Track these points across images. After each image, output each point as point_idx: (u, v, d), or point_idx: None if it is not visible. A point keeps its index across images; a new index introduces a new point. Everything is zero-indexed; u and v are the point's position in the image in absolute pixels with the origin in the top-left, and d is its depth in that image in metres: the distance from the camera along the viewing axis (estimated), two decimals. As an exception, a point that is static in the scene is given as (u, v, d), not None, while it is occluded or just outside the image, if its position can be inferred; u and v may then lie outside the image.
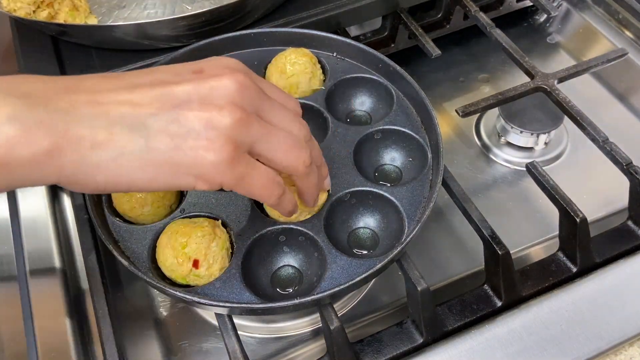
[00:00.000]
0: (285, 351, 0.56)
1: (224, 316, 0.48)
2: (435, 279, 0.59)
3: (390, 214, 0.52)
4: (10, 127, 0.31)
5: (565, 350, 0.48)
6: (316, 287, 0.47)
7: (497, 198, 0.68)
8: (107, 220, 0.51)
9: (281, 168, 0.40)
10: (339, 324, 0.46)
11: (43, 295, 0.56)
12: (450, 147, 0.73)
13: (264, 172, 0.39)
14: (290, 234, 0.50)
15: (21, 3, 0.65)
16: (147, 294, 0.60)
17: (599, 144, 0.60)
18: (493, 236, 0.52)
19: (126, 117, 0.34)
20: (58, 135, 0.32)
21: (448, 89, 0.80)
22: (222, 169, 0.36)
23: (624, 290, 0.51)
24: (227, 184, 0.37)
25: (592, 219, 0.56)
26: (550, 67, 0.69)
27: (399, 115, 0.57)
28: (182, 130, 0.35)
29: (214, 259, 0.47)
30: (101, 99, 0.34)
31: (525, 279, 0.54)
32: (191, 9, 0.72)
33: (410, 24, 0.72)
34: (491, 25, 0.71)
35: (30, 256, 0.59)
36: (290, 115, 0.41)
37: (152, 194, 0.50)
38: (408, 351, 0.50)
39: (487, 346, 0.48)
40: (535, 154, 0.71)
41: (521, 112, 0.70)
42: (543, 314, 0.50)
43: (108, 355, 0.47)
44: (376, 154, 0.57)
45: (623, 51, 0.68)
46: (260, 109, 0.39)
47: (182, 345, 0.57)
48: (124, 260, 0.46)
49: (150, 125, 0.35)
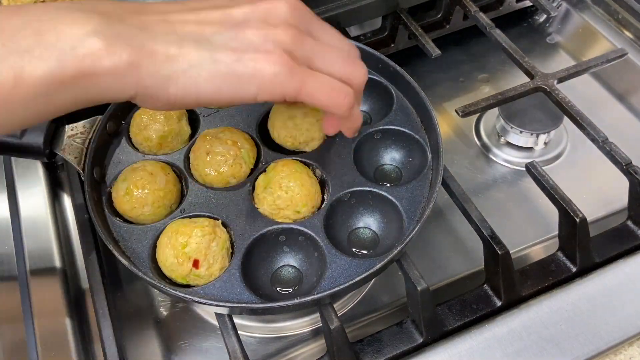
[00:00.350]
0: (285, 351, 0.56)
1: (224, 316, 0.48)
2: (435, 279, 0.59)
3: (390, 213, 0.52)
4: (96, 40, 0.34)
5: (565, 350, 0.48)
6: (316, 287, 0.47)
7: (497, 198, 0.68)
8: (108, 220, 0.51)
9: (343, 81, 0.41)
10: (339, 324, 0.46)
11: (43, 295, 0.56)
12: (450, 147, 0.73)
13: (327, 79, 0.40)
14: (290, 234, 0.50)
15: (21, 2, 0.65)
16: (147, 294, 0.60)
17: (599, 144, 0.60)
18: (493, 236, 0.52)
19: (193, 34, 0.37)
20: (136, 48, 0.35)
21: (448, 89, 0.80)
22: (282, 78, 0.38)
23: (624, 290, 0.52)
24: (289, 93, 0.39)
25: (591, 219, 0.56)
26: (550, 67, 0.69)
27: (399, 115, 0.57)
28: (242, 44, 0.38)
29: (214, 258, 0.47)
30: (170, 18, 0.38)
31: (525, 278, 0.54)
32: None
33: (410, 24, 0.72)
34: (491, 26, 0.71)
35: (30, 256, 0.59)
36: (339, 36, 0.44)
37: (152, 194, 0.50)
38: (408, 351, 0.50)
39: (486, 346, 0.48)
40: (535, 154, 0.71)
41: (521, 112, 0.70)
42: (543, 314, 0.50)
43: (108, 355, 0.48)
44: (376, 154, 0.57)
45: (623, 51, 0.68)
46: (312, 29, 0.41)
47: (182, 345, 0.57)
48: (124, 260, 0.47)
49: (214, 40, 0.38)
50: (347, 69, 0.42)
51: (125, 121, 0.57)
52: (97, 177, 0.53)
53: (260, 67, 0.37)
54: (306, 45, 0.40)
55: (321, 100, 0.40)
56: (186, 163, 0.54)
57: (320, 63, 0.40)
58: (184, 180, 0.54)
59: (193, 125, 0.58)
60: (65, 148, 0.53)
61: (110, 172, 0.54)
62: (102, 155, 0.55)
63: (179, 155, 0.55)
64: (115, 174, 0.53)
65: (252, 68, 0.37)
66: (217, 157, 0.52)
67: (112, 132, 0.56)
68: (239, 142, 0.53)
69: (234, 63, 0.37)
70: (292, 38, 0.39)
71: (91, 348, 0.55)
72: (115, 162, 0.55)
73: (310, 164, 0.54)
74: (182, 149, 0.55)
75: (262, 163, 0.54)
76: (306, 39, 0.40)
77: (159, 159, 0.54)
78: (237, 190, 0.52)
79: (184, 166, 0.54)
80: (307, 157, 0.54)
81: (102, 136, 0.54)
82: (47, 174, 0.66)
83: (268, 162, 0.53)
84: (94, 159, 0.53)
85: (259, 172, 0.53)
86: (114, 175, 0.53)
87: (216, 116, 0.58)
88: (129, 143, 0.56)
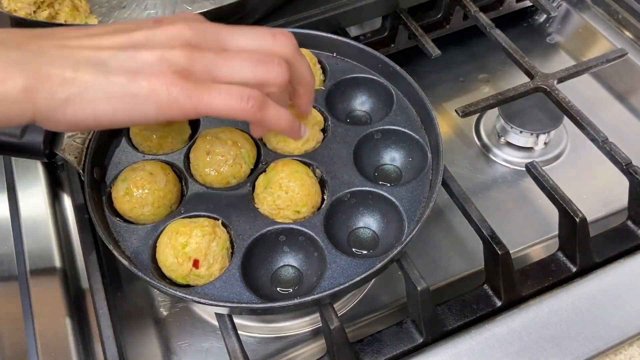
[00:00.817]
0: (285, 351, 0.56)
1: (224, 316, 0.48)
2: (435, 279, 0.59)
3: (390, 213, 0.52)
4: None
5: (565, 350, 0.48)
6: (316, 287, 0.47)
7: (497, 198, 0.68)
8: (108, 220, 0.51)
9: (257, 85, 0.41)
10: (339, 324, 0.46)
11: (43, 295, 0.56)
12: (450, 147, 0.73)
13: (225, 89, 0.40)
14: (290, 234, 0.50)
15: (22, 3, 0.65)
16: (147, 294, 0.60)
17: (599, 144, 0.60)
18: (493, 236, 0.52)
19: (89, 57, 0.38)
20: (31, 73, 0.36)
21: (448, 89, 0.80)
22: (176, 97, 0.38)
23: (624, 290, 0.52)
24: (187, 110, 0.39)
25: (591, 219, 0.56)
26: (550, 67, 0.69)
27: (399, 115, 0.57)
28: (137, 65, 0.38)
29: (214, 258, 0.47)
30: (68, 43, 0.38)
31: (525, 278, 0.54)
32: (191, 9, 0.72)
33: (410, 24, 0.72)
34: (491, 26, 0.71)
35: (30, 256, 0.59)
36: (256, 36, 0.43)
37: (152, 194, 0.50)
38: (408, 351, 0.50)
39: (486, 346, 0.48)
40: (535, 154, 0.71)
41: (521, 112, 0.70)
42: (543, 314, 0.50)
43: (108, 355, 0.48)
44: (376, 154, 0.57)
45: (623, 51, 0.68)
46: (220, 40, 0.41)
47: (182, 345, 0.57)
48: (124, 260, 0.47)
49: (110, 63, 0.38)
50: (258, 71, 0.41)
51: (125, 121, 0.57)
52: (97, 177, 0.53)
53: (153, 87, 0.38)
54: (205, 60, 0.40)
55: (220, 110, 0.40)
56: (186, 163, 0.54)
57: (225, 73, 0.40)
58: (184, 180, 0.54)
59: (193, 125, 0.58)
60: (65, 148, 0.53)
61: (110, 172, 0.54)
62: (102, 155, 0.55)
63: (179, 155, 0.55)
64: (115, 174, 0.53)
65: (147, 89, 0.38)
66: (217, 157, 0.52)
67: (112, 132, 0.56)
68: (239, 142, 0.53)
69: (129, 83, 0.38)
70: (188, 57, 0.39)
71: (91, 348, 0.55)
72: (115, 162, 0.55)
73: (310, 164, 0.54)
74: (182, 149, 0.55)
75: (262, 163, 0.54)
76: (206, 54, 0.40)
77: (159, 159, 0.54)
78: (237, 190, 0.52)
79: (184, 166, 0.54)
80: (307, 157, 0.54)
81: (102, 136, 0.54)
82: (47, 174, 0.66)
83: (268, 162, 0.54)
84: (94, 159, 0.53)
85: (259, 172, 0.53)
86: (114, 175, 0.53)
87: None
88: (129, 143, 0.56)
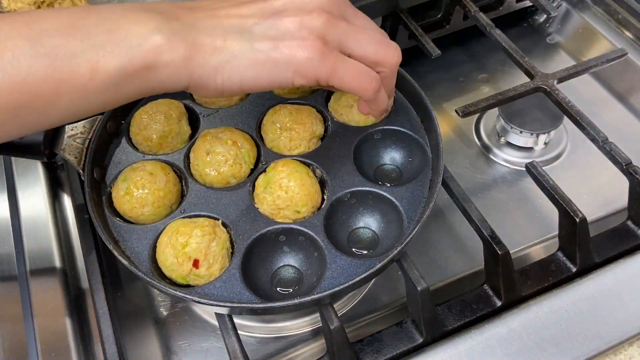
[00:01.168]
0: (285, 351, 0.56)
1: (224, 316, 0.48)
2: (435, 279, 0.59)
3: (390, 213, 0.52)
4: (158, 37, 0.38)
5: (565, 350, 0.48)
6: (316, 287, 0.47)
7: (497, 198, 0.68)
8: (108, 220, 0.51)
9: (374, 62, 0.44)
10: (339, 324, 0.46)
11: (43, 295, 0.56)
12: (450, 147, 0.73)
13: (356, 65, 0.43)
14: (290, 234, 0.50)
15: (22, 3, 0.65)
16: (147, 294, 0.60)
17: (599, 144, 0.60)
18: (493, 236, 0.52)
19: (236, 26, 0.41)
20: (189, 43, 0.39)
21: (448, 89, 0.80)
22: (315, 63, 0.41)
23: (624, 290, 0.52)
24: (321, 76, 0.42)
25: (591, 219, 0.56)
26: (550, 67, 0.69)
27: (399, 115, 0.57)
28: (279, 33, 0.41)
29: (214, 258, 0.47)
30: (216, 13, 0.42)
31: (525, 278, 0.54)
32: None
33: (410, 24, 0.72)
34: (491, 26, 0.71)
35: (30, 256, 0.59)
36: (373, 22, 0.47)
37: (152, 194, 0.50)
38: (408, 351, 0.50)
39: (486, 346, 0.48)
40: (535, 154, 0.71)
41: (521, 112, 0.70)
42: (543, 314, 0.50)
43: (108, 355, 0.48)
44: (376, 154, 0.57)
45: (623, 51, 0.68)
46: (346, 14, 0.45)
47: (182, 345, 0.57)
48: (124, 260, 0.47)
49: (254, 31, 0.41)
50: (380, 50, 0.44)
51: (125, 121, 0.57)
52: (97, 177, 0.53)
53: (294, 53, 0.41)
54: (339, 28, 0.43)
55: (350, 84, 0.43)
56: (186, 163, 0.54)
57: (353, 44, 0.43)
58: (184, 180, 0.54)
59: (193, 125, 0.58)
60: (65, 148, 0.53)
61: (110, 172, 0.54)
62: (102, 155, 0.55)
63: (179, 155, 0.55)
64: (115, 174, 0.53)
65: (288, 54, 0.41)
66: (217, 157, 0.52)
67: (112, 132, 0.56)
68: (239, 142, 0.53)
69: (271, 50, 0.41)
70: (325, 22, 0.42)
71: (91, 348, 0.55)
72: (115, 162, 0.55)
73: (310, 164, 0.54)
74: (182, 149, 0.55)
75: (262, 163, 0.54)
76: (339, 22, 0.43)
77: (159, 159, 0.54)
78: (237, 190, 0.52)
79: (184, 166, 0.54)
80: (307, 157, 0.54)
81: (102, 136, 0.55)
82: (47, 174, 0.66)
83: (268, 162, 0.53)
84: (94, 159, 0.53)
85: (259, 172, 0.53)
86: (114, 175, 0.53)
87: (216, 116, 0.58)
88: (129, 143, 0.56)
